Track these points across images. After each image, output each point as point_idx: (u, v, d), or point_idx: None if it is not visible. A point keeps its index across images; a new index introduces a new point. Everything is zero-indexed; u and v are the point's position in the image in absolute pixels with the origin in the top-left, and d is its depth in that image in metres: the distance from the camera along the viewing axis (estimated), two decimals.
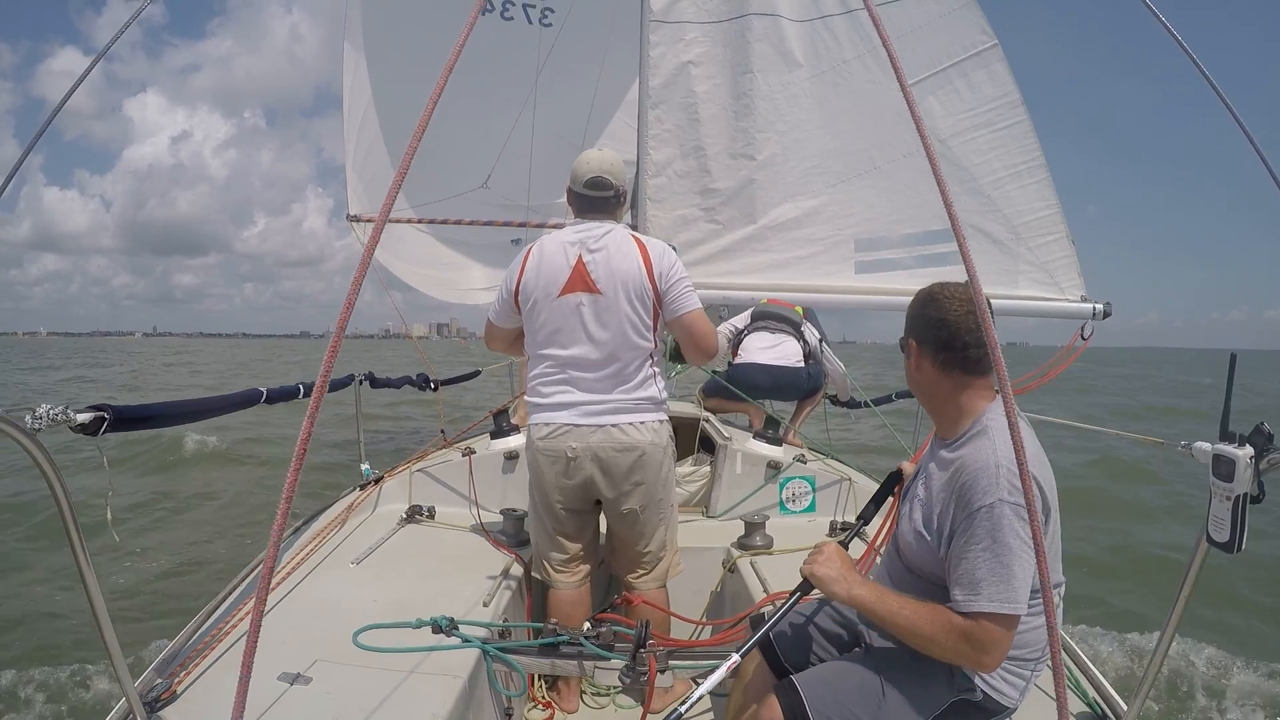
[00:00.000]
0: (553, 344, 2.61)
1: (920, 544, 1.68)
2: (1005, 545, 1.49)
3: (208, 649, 2.04)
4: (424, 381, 4.77)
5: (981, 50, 4.54)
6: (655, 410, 2.64)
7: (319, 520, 3.30)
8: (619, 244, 2.59)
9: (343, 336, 1.08)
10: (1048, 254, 4.65)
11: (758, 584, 2.81)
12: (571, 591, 2.74)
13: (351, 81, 6.31)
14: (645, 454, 2.59)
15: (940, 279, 1.81)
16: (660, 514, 2.71)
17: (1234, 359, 1.59)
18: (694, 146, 4.78)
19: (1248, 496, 1.44)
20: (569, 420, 2.58)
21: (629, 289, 2.55)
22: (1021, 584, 1.49)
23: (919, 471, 1.84)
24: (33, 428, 1.33)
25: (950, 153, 4.51)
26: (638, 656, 2.09)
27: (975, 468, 1.56)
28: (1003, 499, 1.50)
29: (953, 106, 4.59)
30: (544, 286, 2.58)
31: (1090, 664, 2.15)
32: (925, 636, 1.56)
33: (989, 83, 4.55)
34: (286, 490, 1.02)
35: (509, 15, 5.84)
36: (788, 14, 4.66)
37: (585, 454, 2.57)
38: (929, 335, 1.72)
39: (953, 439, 1.70)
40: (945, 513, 1.62)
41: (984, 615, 1.49)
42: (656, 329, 2.64)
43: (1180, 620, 1.73)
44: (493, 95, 5.83)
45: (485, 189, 6.04)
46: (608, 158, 2.72)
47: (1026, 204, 4.62)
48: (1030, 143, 4.59)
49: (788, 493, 3.70)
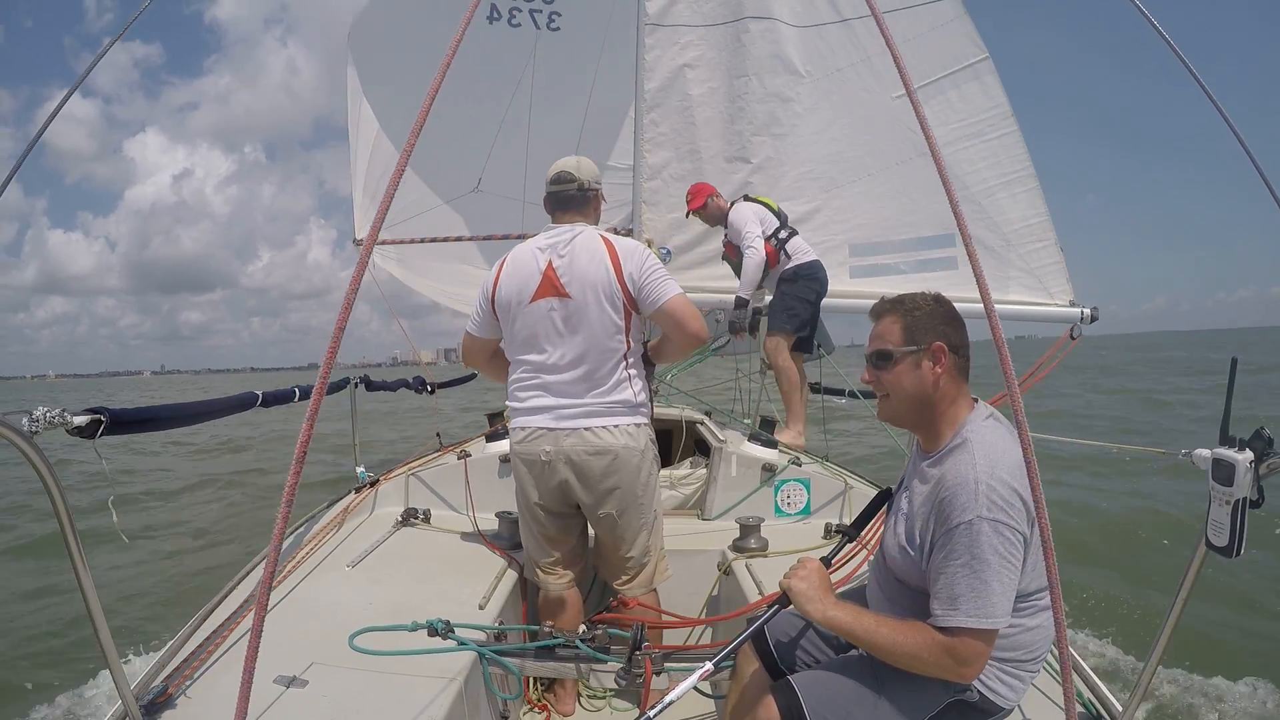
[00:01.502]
0: (527, 350, 2.62)
1: (905, 558, 1.68)
2: (984, 561, 1.49)
3: (203, 652, 2.03)
4: (420, 385, 4.76)
5: (973, 63, 4.65)
6: (630, 414, 2.62)
7: (315, 523, 3.29)
8: (587, 246, 2.58)
9: (340, 339, 1.07)
10: (1037, 260, 4.77)
11: (753, 586, 2.81)
12: (560, 593, 2.74)
13: (355, 105, 6.28)
14: (618, 457, 2.57)
15: (936, 284, 1.81)
16: (641, 518, 2.68)
17: (1235, 363, 1.60)
18: (690, 150, 4.79)
19: (1247, 501, 1.44)
20: (543, 424, 2.59)
21: (598, 291, 2.54)
22: (999, 598, 1.49)
23: (902, 485, 1.85)
24: (29, 430, 1.32)
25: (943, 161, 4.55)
26: (633, 659, 2.09)
27: (954, 483, 1.56)
28: (981, 515, 1.50)
29: (945, 116, 4.68)
30: (517, 293, 2.59)
31: (1085, 665, 2.16)
32: (907, 653, 1.56)
33: (980, 94, 4.66)
34: (286, 494, 1.02)
35: (516, 22, 5.82)
36: (784, 19, 4.68)
37: (559, 457, 2.56)
38: (954, 338, 1.71)
39: (935, 451, 1.71)
40: (926, 527, 1.62)
41: (963, 630, 1.50)
42: (629, 330, 2.61)
43: (1178, 622, 1.74)
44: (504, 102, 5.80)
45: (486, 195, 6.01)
46: (576, 158, 2.74)
47: (1017, 212, 4.74)
48: (1020, 152, 4.71)
49: (783, 495, 3.70)
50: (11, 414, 1.28)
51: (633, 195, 4.87)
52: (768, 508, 3.64)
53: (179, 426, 2.10)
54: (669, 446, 4.57)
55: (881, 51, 4.61)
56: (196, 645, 2.07)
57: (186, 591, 5.52)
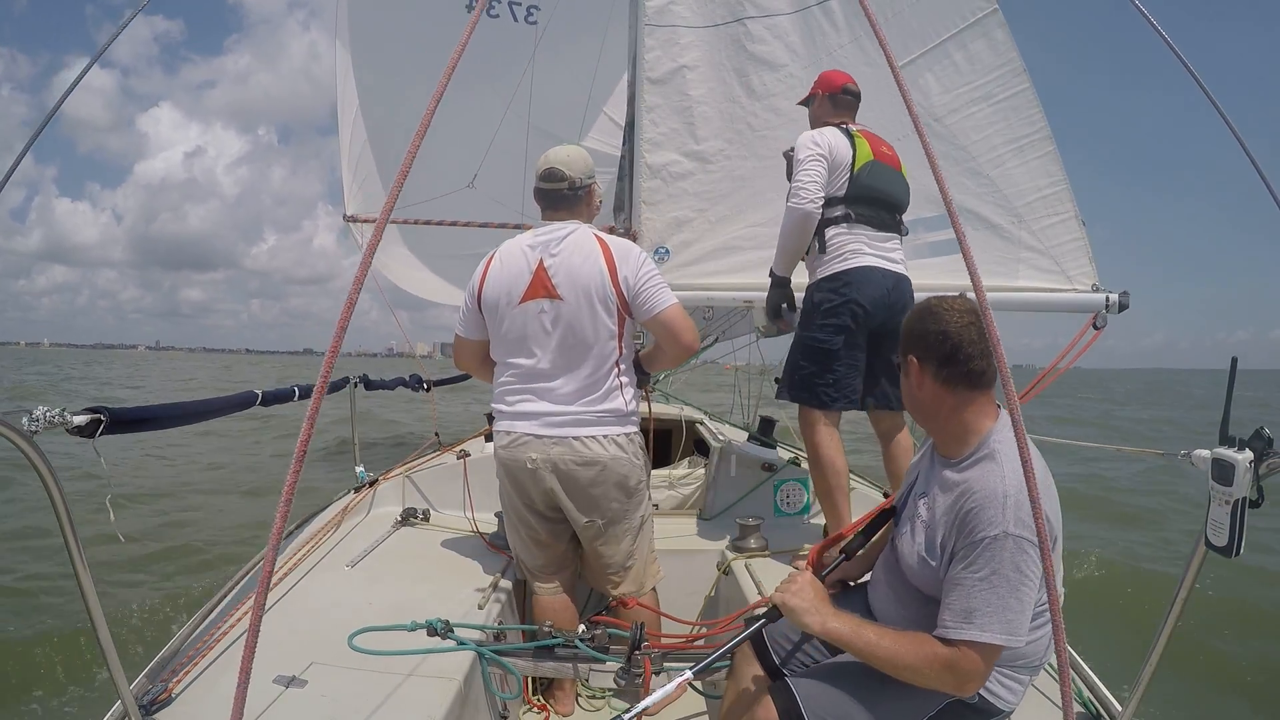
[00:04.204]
0: (516, 352, 2.55)
1: (925, 569, 1.65)
2: (1004, 578, 1.46)
3: (203, 652, 2.03)
4: (416, 383, 4.77)
5: (981, 17, 4.20)
6: (620, 423, 2.55)
7: (314, 523, 3.29)
8: (580, 246, 2.50)
9: (342, 338, 1.07)
10: (1053, 237, 4.14)
11: (752, 586, 2.81)
12: (552, 598, 2.70)
13: (343, 81, 6.30)
14: (606, 468, 2.51)
15: (938, 269, 1.79)
16: (627, 526, 2.62)
17: (1235, 363, 1.60)
18: (689, 150, 4.78)
19: (1246, 501, 1.44)
20: (530, 430, 2.51)
21: (591, 293, 2.46)
22: (1017, 616, 1.47)
23: (918, 489, 1.80)
24: (29, 430, 1.32)
25: (947, 131, 4.25)
26: (633, 658, 2.09)
27: (982, 495, 1.52)
28: (1008, 531, 1.47)
29: (950, 82, 4.28)
30: (505, 293, 2.52)
31: (1085, 665, 2.16)
32: (908, 667, 1.53)
33: (989, 52, 4.22)
34: (286, 492, 1.01)
35: (494, 13, 5.82)
36: (781, 8, 4.64)
37: (545, 465, 2.50)
38: (930, 350, 1.66)
39: (957, 458, 1.66)
40: (949, 536, 1.58)
41: (971, 644, 1.47)
42: (622, 334, 2.54)
43: (1177, 622, 1.74)
44: (480, 94, 5.80)
45: (473, 189, 6.01)
46: (569, 150, 2.63)
47: (1030, 181, 4.16)
48: (1034, 113, 4.18)
49: (782, 495, 3.70)
50: (11, 413, 1.28)
51: (631, 195, 4.86)
52: (767, 507, 3.64)
53: (179, 425, 2.09)
54: (668, 446, 4.57)
55: (883, 21, 4.44)
56: (196, 645, 2.07)
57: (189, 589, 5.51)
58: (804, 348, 3.07)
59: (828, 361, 2.99)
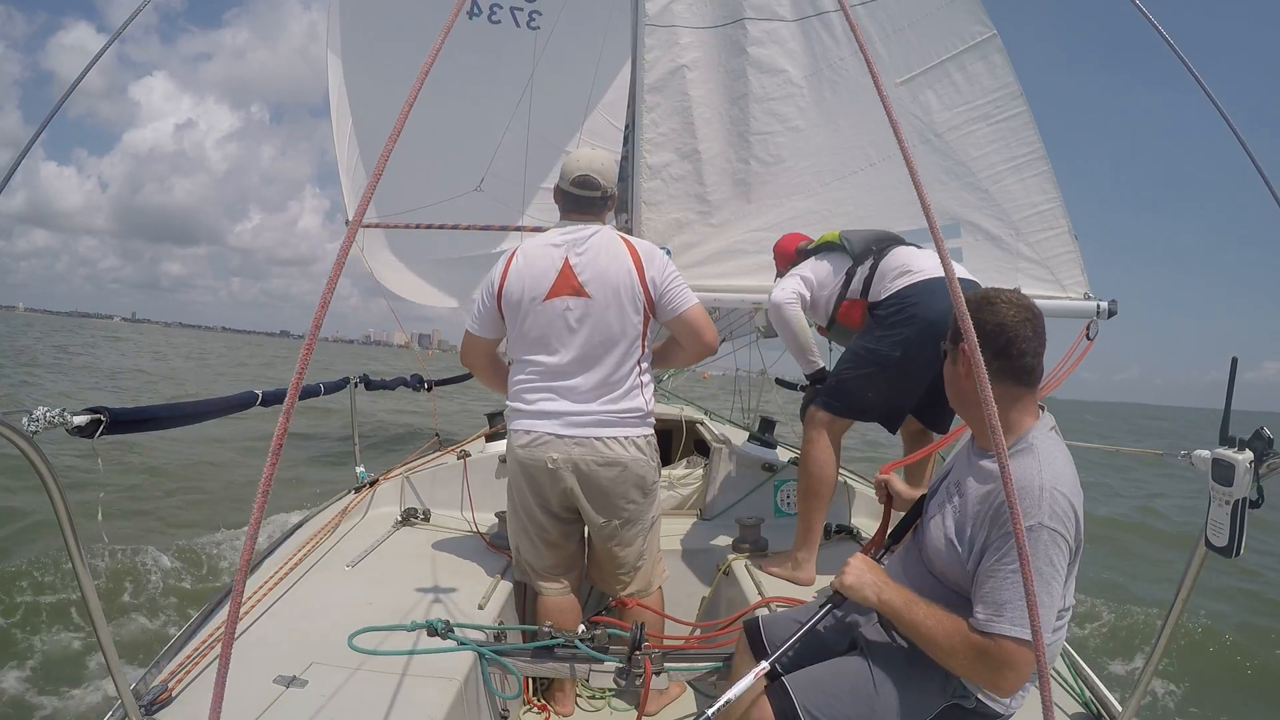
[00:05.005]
0: (537, 350, 2.54)
1: (950, 552, 1.65)
2: (1036, 570, 1.45)
3: (203, 652, 2.02)
4: (418, 383, 4.76)
5: (979, 41, 4.43)
6: (640, 424, 2.56)
7: (314, 522, 3.29)
8: (607, 245, 2.52)
9: (316, 337, 1.07)
10: (1048, 249, 4.48)
11: (752, 586, 2.81)
12: (559, 598, 2.68)
13: (336, 88, 6.29)
14: (627, 469, 2.51)
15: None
16: (640, 526, 2.63)
17: (1235, 363, 1.60)
18: (689, 150, 4.77)
19: (1247, 501, 1.44)
20: (551, 430, 2.50)
21: (620, 292, 2.48)
22: (1045, 611, 1.47)
23: (953, 477, 1.79)
24: (30, 430, 1.32)
25: (948, 147, 4.44)
26: (633, 659, 2.09)
27: (1019, 486, 1.51)
28: (1043, 523, 1.47)
29: (950, 100, 4.50)
30: (529, 290, 2.51)
31: (1085, 665, 2.16)
32: (943, 649, 1.54)
33: (987, 74, 4.46)
34: (263, 484, 1.01)
35: (496, 19, 5.82)
36: (783, 13, 4.65)
37: (566, 465, 2.49)
38: (985, 341, 1.63)
39: (992, 450, 1.65)
40: (980, 526, 1.58)
41: (1005, 637, 1.47)
42: (646, 334, 2.56)
43: (1178, 621, 1.74)
44: (484, 99, 5.81)
45: (480, 192, 6.02)
46: (599, 157, 2.66)
47: (1026, 198, 4.46)
48: (1030, 134, 4.45)
49: (782, 495, 3.70)
50: (11, 413, 1.28)
51: (631, 196, 4.86)
52: (767, 507, 3.65)
53: (179, 425, 2.09)
54: (668, 446, 4.57)
55: (883, 37, 4.50)
56: (197, 645, 2.07)
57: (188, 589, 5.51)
58: (859, 358, 2.95)
59: (866, 384, 2.89)
